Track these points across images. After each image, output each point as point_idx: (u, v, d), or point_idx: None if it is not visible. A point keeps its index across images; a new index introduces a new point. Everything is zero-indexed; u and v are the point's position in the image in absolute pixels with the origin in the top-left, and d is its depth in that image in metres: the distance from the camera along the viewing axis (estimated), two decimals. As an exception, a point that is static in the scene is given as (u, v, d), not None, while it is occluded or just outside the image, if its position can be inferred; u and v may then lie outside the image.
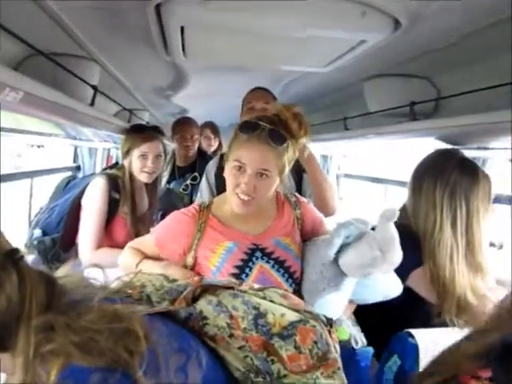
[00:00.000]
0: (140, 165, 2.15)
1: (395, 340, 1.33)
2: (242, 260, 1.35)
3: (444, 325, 1.39)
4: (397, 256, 1.27)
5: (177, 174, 3.11)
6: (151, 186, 2.32)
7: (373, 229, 1.62)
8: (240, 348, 0.82)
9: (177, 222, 1.43)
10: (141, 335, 0.65)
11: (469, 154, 1.56)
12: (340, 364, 0.85)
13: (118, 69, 2.12)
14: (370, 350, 1.40)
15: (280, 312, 0.86)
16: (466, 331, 1.27)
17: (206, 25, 1.29)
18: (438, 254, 1.40)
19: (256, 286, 0.98)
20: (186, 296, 0.86)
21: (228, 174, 1.35)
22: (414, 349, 1.29)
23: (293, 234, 1.45)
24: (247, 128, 1.31)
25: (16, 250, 0.67)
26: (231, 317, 0.84)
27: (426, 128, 1.59)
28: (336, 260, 1.32)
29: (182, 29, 1.31)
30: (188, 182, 3.03)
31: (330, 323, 0.92)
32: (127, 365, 0.60)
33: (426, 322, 1.39)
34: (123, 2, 1.23)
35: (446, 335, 1.31)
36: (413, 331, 1.30)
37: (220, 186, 1.79)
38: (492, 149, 1.69)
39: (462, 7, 1.12)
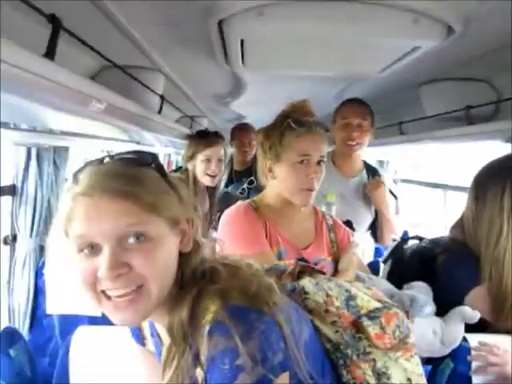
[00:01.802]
0: (204, 168, 2.29)
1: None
2: None
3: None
4: (447, 351, 1.30)
5: (234, 177, 3.22)
6: (212, 189, 2.45)
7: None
8: (333, 323, 0.93)
9: (247, 221, 1.43)
10: (278, 291, 0.79)
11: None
12: (416, 350, 0.95)
13: (180, 78, 2.25)
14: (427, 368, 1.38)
15: (367, 298, 0.96)
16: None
17: (264, 37, 1.37)
18: (502, 263, 1.33)
19: None
20: (291, 272, 1.02)
21: (290, 171, 1.40)
22: (467, 352, 1.29)
23: (329, 253, 1.53)
24: (302, 122, 1.39)
25: None
26: (327, 295, 0.95)
27: (482, 132, 1.57)
28: None
29: (242, 41, 1.39)
30: (245, 185, 3.12)
31: (407, 315, 1.02)
32: (271, 311, 0.74)
33: None
34: (187, 18, 1.33)
35: (499, 339, 1.30)
36: (466, 335, 1.30)
37: None
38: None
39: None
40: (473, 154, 2.46)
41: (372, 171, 2.24)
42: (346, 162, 2.15)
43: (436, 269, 1.44)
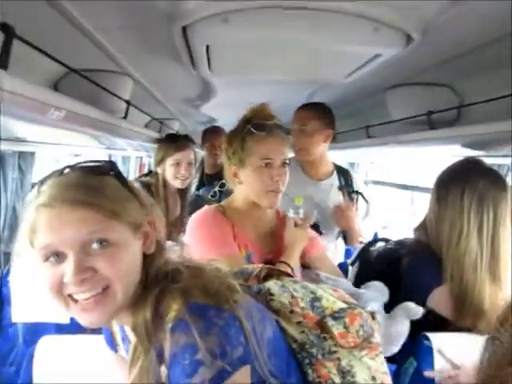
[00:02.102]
0: (174, 172, 2.28)
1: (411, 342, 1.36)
2: None
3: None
4: (394, 349, 1.32)
5: (205, 181, 3.21)
6: (182, 191, 2.43)
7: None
8: (298, 323, 0.96)
9: (215, 224, 1.43)
10: (239, 290, 0.83)
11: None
12: (381, 349, 0.99)
13: (149, 82, 2.24)
14: (392, 367, 1.40)
15: (332, 300, 0.99)
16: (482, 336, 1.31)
17: (229, 42, 1.37)
18: (463, 263, 1.38)
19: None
20: (257, 274, 1.06)
21: (254, 175, 1.42)
22: (430, 351, 1.32)
23: None
24: (263, 126, 1.40)
25: None
26: (292, 296, 0.98)
27: (444, 137, 1.62)
28: None
29: (207, 46, 1.40)
30: (216, 188, 3.12)
31: (372, 316, 1.04)
32: (232, 308, 0.77)
33: None
34: (152, 23, 1.32)
35: (461, 339, 1.34)
36: (428, 334, 1.34)
37: None
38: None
39: (475, 17, 1.15)
40: (439, 156, 2.52)
41: (343, 172, 2.25)
42: (313, 165, 2.16)
43: (401, 270, 1.47)
